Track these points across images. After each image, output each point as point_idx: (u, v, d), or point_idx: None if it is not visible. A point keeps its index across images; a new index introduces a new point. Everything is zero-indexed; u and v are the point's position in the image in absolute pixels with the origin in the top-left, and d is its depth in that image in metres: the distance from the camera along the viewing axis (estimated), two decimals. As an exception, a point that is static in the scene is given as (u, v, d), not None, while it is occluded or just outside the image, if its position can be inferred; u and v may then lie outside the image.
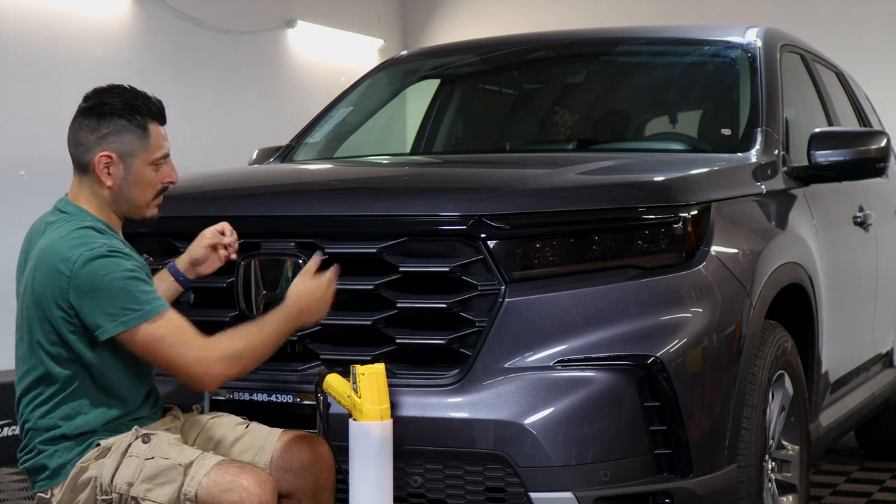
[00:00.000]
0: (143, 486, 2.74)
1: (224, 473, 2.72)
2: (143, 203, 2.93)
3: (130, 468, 2.76)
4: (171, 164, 2.98)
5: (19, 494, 5.32)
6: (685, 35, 4.79)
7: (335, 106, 4.92)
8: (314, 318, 2.98)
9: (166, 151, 2.95)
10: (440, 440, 3.01)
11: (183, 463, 2.74)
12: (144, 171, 2.90)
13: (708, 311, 3.14)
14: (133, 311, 2.73)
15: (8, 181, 6.89)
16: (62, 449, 2.83)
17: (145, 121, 2.90)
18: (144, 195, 2.92)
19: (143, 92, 2.96)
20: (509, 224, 3.08)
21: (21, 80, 7.02)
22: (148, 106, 2.92)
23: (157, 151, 2.92)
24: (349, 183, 3.85)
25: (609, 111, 4.80)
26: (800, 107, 4.64)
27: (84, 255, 2.75)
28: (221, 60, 8.60)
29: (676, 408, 3.01)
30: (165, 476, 2.74)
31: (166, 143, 2.95)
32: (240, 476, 2.71)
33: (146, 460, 2.77)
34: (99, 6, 7.59)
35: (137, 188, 2.91)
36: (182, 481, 2.72)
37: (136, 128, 2.88)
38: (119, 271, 2.74)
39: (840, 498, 5.07)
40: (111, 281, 2.73)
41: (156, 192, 2.95)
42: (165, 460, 2.75)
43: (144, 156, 2.90)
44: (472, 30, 10.13)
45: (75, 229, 2.83)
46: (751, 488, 3.25)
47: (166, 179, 2.96)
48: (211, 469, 2.73)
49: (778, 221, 3.76)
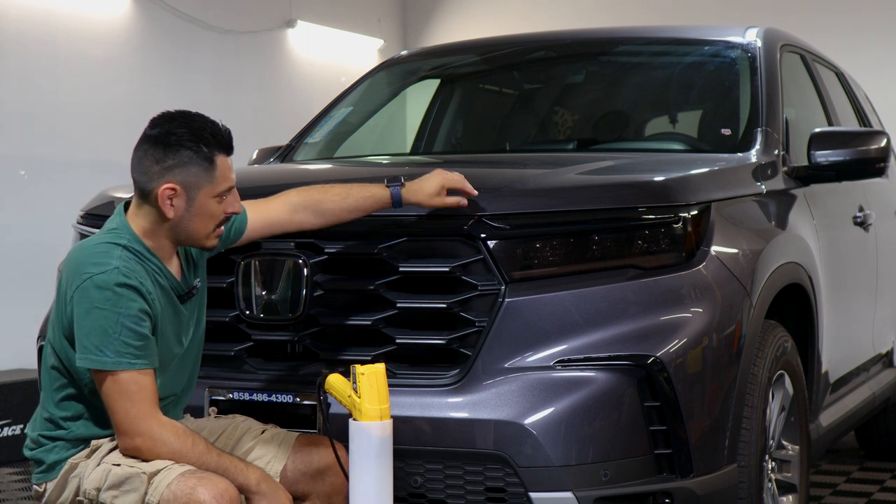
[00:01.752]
0: (109, 492, 2.74)
1: (183, 485, 2.67)
2: (202, 235, 2.86)
3: (99, 473, 2.76)
4: (235, 194, 2.89)
5: (19, 494, 5.32)
6: (685, 35, 4.79)
7: (335, 106, 4.92)
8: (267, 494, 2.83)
9: (232, 184, 2.86)
10: (440, 440, 3.01)
11: (147, 471, 2.71)
12: (208, 204, 2.83)
13: (708, 311, 3.14)
14: (105, 356, 2.69)
15: (8, 181, 6.89)
16: (59, 446, 2.85)
17: (212, 153, 2.81)
18: (206, 227, 2.85)
19: (212, 121, 2.87)
20: (509, 224, 3.08)
21: (21, 80, 7.02)
22: (216, 137, 2.83)
23: (223, 184, 2.84)
24: (349, 183, 3.85)
25: (609, 111, 4.80)
26: (800, 107, 4.64)
27: (93, 279, 2.71)
28: (221, 60, 8.60)
29: (676, 408, 3.01)
30: (130, 484, 2.72)
31: (232, 174, 2.87)
32: (197, 487, 2.65)
33: (113, 466, 2.75)
34: (99, 6, 7.59)
35: (199, 220, 2.83)
36: (146, 490, 2.70)
37: (203, 160, 2.80)
38: (113, 309, 2.69)
39: (840, 498, 5.07)
40: (100, 318, 2.70)
41: (217, 223, 2.87)
42: (130, 468, 2.73)
43: (209, 189, 2.82)
44: (472, 30, 10.13)
45: (106, 242, 2.79)
46: (751, 488, 3.25)
47: (230, 210, 2.88)
48: (174, 479, 2.68)
49: (778, 221, 3.76)
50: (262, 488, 2.77)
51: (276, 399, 3.16)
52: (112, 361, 2.69)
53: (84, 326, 2.71)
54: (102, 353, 2.69)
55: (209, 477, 2.69)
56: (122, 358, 2.69)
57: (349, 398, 2.83)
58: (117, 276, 2.71)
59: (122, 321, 2.69)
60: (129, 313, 2.71)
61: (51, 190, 6.93)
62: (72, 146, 7.13)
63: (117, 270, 2.72)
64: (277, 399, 3.15)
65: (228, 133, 2.88)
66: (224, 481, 2.71)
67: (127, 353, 2.70)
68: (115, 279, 2.71)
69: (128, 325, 2.70)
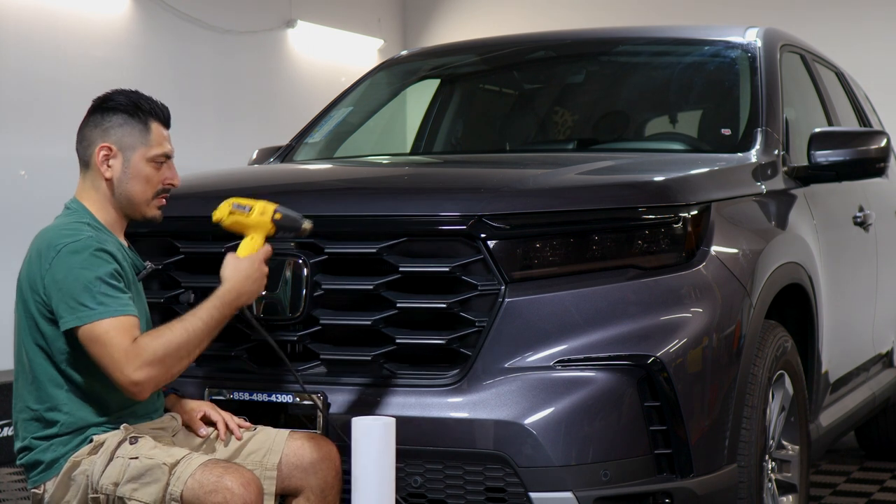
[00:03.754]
0: (128, 486, 2.75)
1: (209, 474, 2.71)
2: (142, 200, 2.95)
3: (116, 468, 2.77)
4: (172, 167, 3.00)
5: (19, 494, 5.32)
6: (685, 35, 4.79)
7: (335, 106, 4.92)
8: (251, 299, 2.96)
9: (166, 151, 2.97)
10: (440, 440, 3.01)
11: (168, 463, 2.74)
12: (143, 167, 2.93)
13: (708, 311, 3.14)
14: (89, 308, 2.74)
15: (8, 181, 6.89)
16: (56, 443, 2.84)
17: (147, 118, 2.95)
18: (144, 192, 2.94)
19: (139, 93, 3.01)
20: (509, 224, 3.08)
21: (21, 81, 7.02)
22: (152, 106, 2.97)
23: (157, 148, 2.95)
24: (349, 183, 3.86)
25: (609, 111, 4.80)
26: (800, 107, 4.64)
27: (68, 247, 2.79)
28: (221, 60, 8.60)
29: (676, 408, 3.01)
30: (150, 476, 2.74)
31: (168, 144, 2.98)
32: (224, 476, 2.70)
33: (131, 460, 2.76)
34: (99, 6, 7.59)
35: (136, 183, 2.93)
36: (167, 481, 2.72)
37: (138, 122, 2.93)
38: (91, 269, 2.76)
39: (840, 498, 5.07)
40: (80, 276, 2.76)
41: (156, 192, 2.97)
42: (150, 460, 2.75)
43: (143, 150, 2.93)
44: (472, 30, 10.13)
45: (71, 222, 2.88)
46: (751, 488, 3.25)
47: (167, 181, 2.98)
48: (196, 469, 2.72)
49: (778, 221, 3.76)
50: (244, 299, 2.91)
51: (276, 399, 3.16)
52: (98, 312, 2.73)
53: (66, 290, 2.76)
54: (88, 308, 2.74)
55: (234, 466, 2.75)
56: (108, 307, 2.75)
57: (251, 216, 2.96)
58: (92, 242, 2.80)
59: (102, 277, 2.77)
60: (106, 271, 2.78)
61: (50, 190, 6.93)
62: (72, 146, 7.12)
63: (90, 237, 2.82)
64: (277, 399, 3.15)
65: (166, 108, 3.02)
66: (249, 471, 2.76)
67: (110, 304, 2.75)
68: (89, 244, 2.80)
69: (107, 280, 2.77)
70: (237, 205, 2.98)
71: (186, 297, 3.34)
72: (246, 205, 2.98)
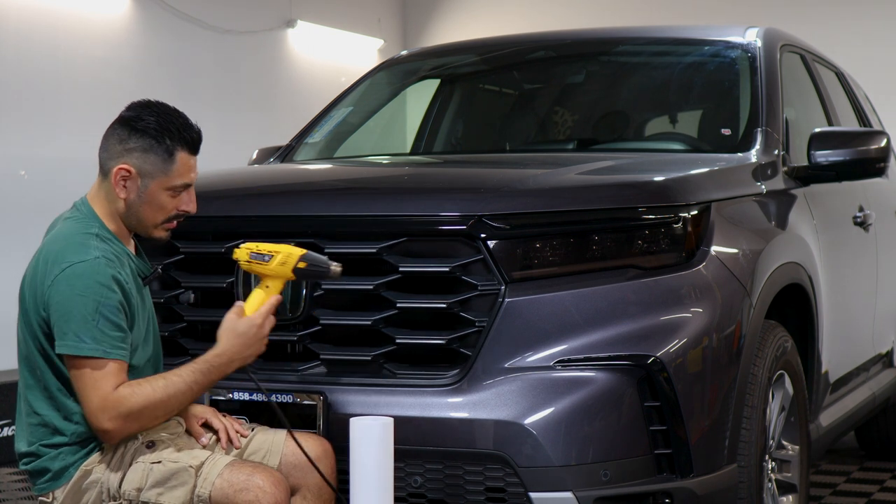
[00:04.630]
0: (153, 490, 2.75)
1: (238, 473, 2.72)
2: (150, 224, 2.90)
3: (137, 474, 2.77)
4: (191, 193, 2.93)
5: (19, 494, 5.32)
6: (685, 35, 4.79)
7: (335, 106, 4.92)
8: (245, 363, 2.89)
9: (188, 182, 2.89)
10: (440, 440, 3.01)
11: (193, 465, 2.75)
12: (159, 195, 2.87)
13: (708, 311, 3.14)
14: (81, 341, 2.71)
15: (8, 181, 6.89)
16: (65, 452, 2.83)
17: (174, 146, 2.85)
18: (154, 218, 2.89)
19: (186, 118, 2.91)
20: (509, 224, 3.08)
21: (21, 80, 7.02)
22: (182, 133, 2.87)
23: (178, 179, 2.87)
24: (349, 183, 3.85)
25: (609, 111, 4.80)
26: (800, 107, 4.64)
27: (74, 267, 2.75)
28: (221, 60, 8.60)
29: (676, 408, 3.01)
30: (177, 479, 2.74)
31: (192, 173, 2.90)
32: (254, 475, 2.72)
33: (153, 464, 2.77)
34: (99, 6, 7.59)
35: (149, 209, 2.88)
36: (194, 483, 2.73)
37: (163, 151, 2.85)
38: (92, 298, 2.72)
39: (840, 498, 5.07)
40: (80, 304, 2.72)
41: (167, 218, 2.91)
42: (174, 463, 2.76)
43: (163, 180, 2.86)
44: (472, 30, 10.13)
45: (81, 233, 2.83)
46: (751, 488, 3.25)
47: (182, 207, 2.91)
48: (223, 469, 2.73)
49: (778, 221, 3.76)
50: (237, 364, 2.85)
51: (276, 399, 3.15)
52: (89, 348, 2.71)
53: (63, 313, 2.73)
54: (81, 340, 2.71)
55: (262, 466, 2.77)
56: (100, 345, 2.72)
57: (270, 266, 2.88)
58: (98, 266, 2.75)
59: (101, 310, 2.73)
60: (109, 304, 2.74)
61: (50, 190, 6.93)
62: (72, 146, 7.13)
63: (98, 260, 2.76)
64: (277, 399, 3.15)
65: (199, 133, 2.92)
66: (277, 472, 2.78)
67: (104, 342, 2.72)
68: (96, 268, 2.75)
69: (106, 315, 2.73)
70: (255, 254, 2.89)
71: (186, 297, 3.34)
72: (266, 253, 2.89)
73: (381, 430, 2.77)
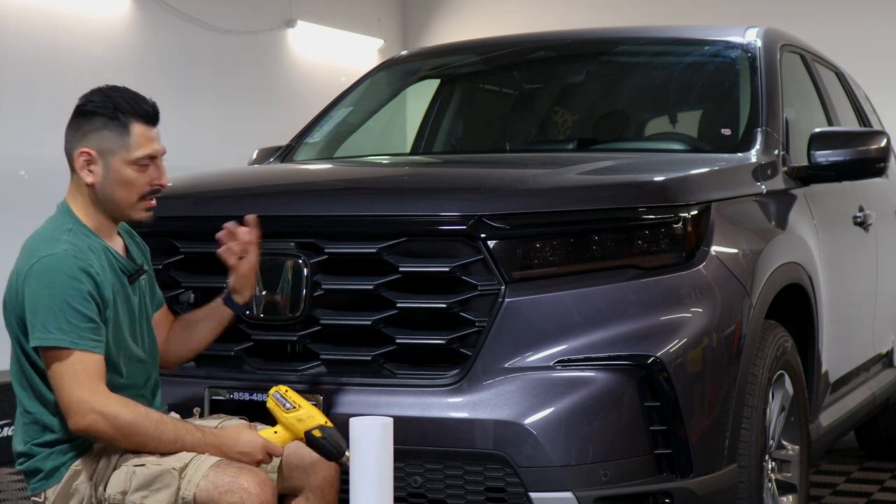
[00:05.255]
0: (138, 493, 2.73)
1: (223, 474, 2.70)
2: (126, 204, 2.86)
3: (121, 477, 2.75)
4: (159, 166, 2.89)
5: (19, 495, 5.32)
6: (685, 35, 4.79)
7: (335, 106, 4.92)
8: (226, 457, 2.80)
9: (150, 152, 2.85)
10: (440, 440, 3.01)
11: (177, 467, 2.72)
12: (124, 171, 2.83)
13: (708, 311, 3.14)
14: (48, 331, 2.71)
15: (8, 181, 6.89)
16: (56, 451, 2.82)
17: (127, 119, 2.83)
18: (128, 196, 2.85)
19: (134, 93, 2.89)
20: (509, 224, 3.08)
21: (21, 80, 7.02)
22: (133, 105, 2.85)
23: (138, 151, 2.83)
24: (349, 183, 3.86)
25: (609, 111, 4.80)
26: (800, 107, 4.64)
27: (42, 261, 2.75)
28: (221, 60, 8.60)
29: (676, 408, 3.01)
30: (160, 482, 2.72)
31: (153, 144, 2.86)
32: (239, 476, 2.69)
33: (136, 467, 2.75)
34: (99, 6, 7.59)
35: (119, 188, 2.84)
36: (178, 485, 2.71)
37: (117, 126, 2.83)
38: (59, 290, 2.71)
39: (840, 498, 5.07)
40: (47, 296, 2.72)
41: (141, 195, 2.87)
42: (157, 466, 2.73)
43: (124, 154, 2.83)
44: (472, 30, 10.13)
45: (53, 228, 2.84)
46: (751, 488, 3.25)
47: (154, 182, 2.87)
48: (208, 470, 2.71)
49: (778, 221, 3.76)
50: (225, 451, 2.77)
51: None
52: (55, 338, 2.70)
53: (32, 307, 2.73)
54: (47, 331, 2.71)
55: (247, 467, 2.74)
56: (66, 335, 2.70)
57: (286, 415, 2.83)
58: (65, 257, 2.74)
59: (68, 300, 2.71)
60: (75, 294, 2.72)
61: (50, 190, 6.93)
62: (72, 146, 7.12)
63: (65, 252, 2.75)
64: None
65: (152, 105, 2.89)
66: (263, 472, 2.75)
67: (71, 332, 2.71)
68: (62, 260, 2.74)
69: (73, 305, 2.72)
70: (280, 396, 2.84)
71: (186, 297, 3.34)
72: (290, 402, 2.84)
73: (380, 430, 2.76)
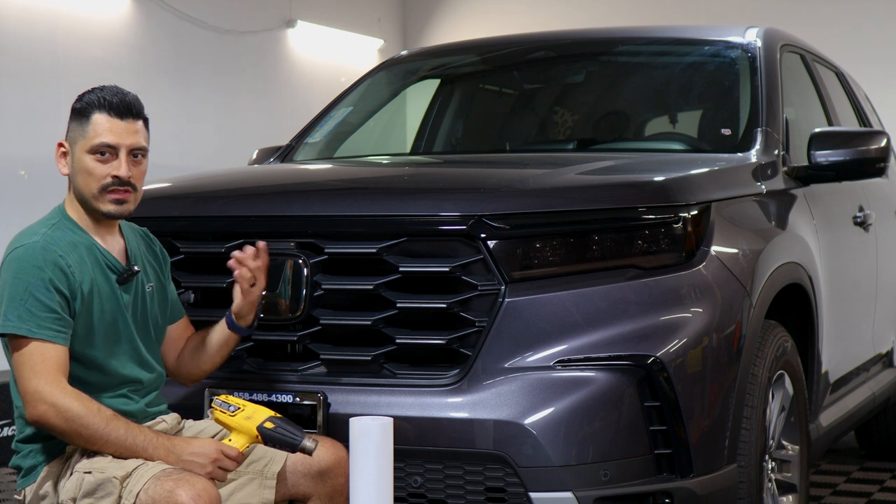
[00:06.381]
0: (85, 500, 2.72)
1: (160, 488, 2.64)
2: (89, 195, 2.86)
3: (73, 482, 2.75)
4: (121, 160, 2.85)
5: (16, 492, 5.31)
6: (685, 35, 4.79)
7: (335, 106, 4.92)
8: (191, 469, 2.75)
9: (105, 140, 2.83)
10: (440, 440, 3.01)
11: (118, 476, 2.69)
12: (84, 160, 2.84)
13: (708, 311, 3.14)
14: (7, 319, 2.72)
15: (8, 181, 6.89)
16: (35, 450, 2.83)
17: (89, 108, 2.85)
18: (88, 185, 2.85)
19: (116, 88, 2.90)
20: (509, 224, 3.08)
21: (21, 80, 7.02)
22: (99, 96, 2.86)
23: (95, 139, 2.83)
24: (349, 183, 3.85)
25: (609, 111, 4.80)
26: (800, 107, 4.64)
27: (16, 251, 2.77)
28: (221, 60, 8.60)
29: (676, 408, 3.01)
30: (103, 490, 2.70)
31: (109, 134, 2.83)
32: (176, 490, 2.62)
33: (85, 474, 2.73)
34: (99, 6, 7.59)
35: (81, 177, 2.86)
36: (119, 494, 2.68)
37: (79, 115, 2.87)
38: (24, 279, 2.72)
39: (840, 498, 5.07)
40: (13, 284, 2.73)
41: (102, 185, 2.85)
42: (101, 474, 2.71)
43: (83, 143, 2.85)
44: (472, 30, 10.13)
45: (38, 223, 2.86)
46: (751, 488, 3.25)
47: (115, 172, 2.84)
48: (148, 481, 2.65)
49: (778, 221, 3.76)
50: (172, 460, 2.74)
51: (276, 399, 3.15)
52: (14, 326, 2.71)
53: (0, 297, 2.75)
54: (7, 318, 2.72)
55: (185, 477, 2.66)
56: (25, 324, 2.71)
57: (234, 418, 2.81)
58: (35, 248, 2.76)
59: (31, 289, 2.72)
60: (38, 283, 2.73)
61: (51, 190, 6.93)
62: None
63: (36, 243, 2.77)
64: (277, 399, 3.15)
65: (120, 97, 2.87)
66: (202, 480, 2.68)
67: (30, 321, 2.71)
68: (31, 251, 2.76)
69: (35, 294, 2.72)
70: (222, 402, 2.83)
71: (186, 297, 3.34)
72: (233, 405, 2.82)
73: (380, 430, 2.77)
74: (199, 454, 2.76)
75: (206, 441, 2.80)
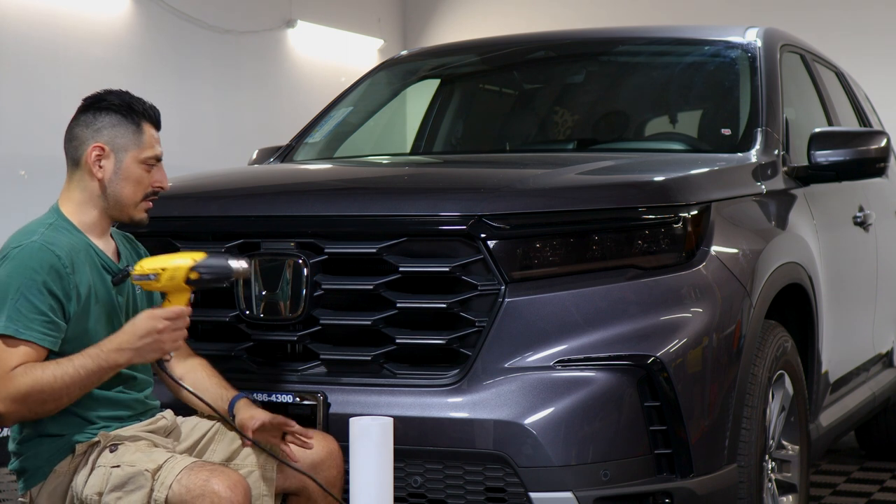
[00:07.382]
0: (112, 495, 2.72)
1: (195, 477, 2.66)
2: (130, 202, 2.90)
3: (98, 478, 2.75)
4: (162, 170, 2.97)
5: (18, 495, 5.31)
6: (685, 35, 4.79)
7: (335, 106, 4.92)
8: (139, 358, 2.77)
9: (158, 154, 2.94)
10: (440, 440, 3.01)
11: (150, 469, 2.70)
12: (134, 169, 2.89)
13: (708, 311, 3.14)
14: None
15: (8, 181, 6.89)
16: (41, 451, 2.83)
17: (140, 119, 2.91)
18: (134, 194, 2.90)
19: (141, 97, 2.98)
20: (509, 224, 3.08)
21: (21, 80, 7.02)
22: (144, 108, 2.94)
23: (149, 150, 2.91)
24: (349, 183, 3.86)
25: (609, 111, 4.80)
26: (800, 107, 4.64)
27: (13, 251, 2.77)
28: (221, 60, 8.60)
29: (676, 408, 3.01)
30: (133, 483, 2.70)
31: (159, 146, 2.95)
32: (210, 480, 2.65)
33: (112, 468, 2.74)
34: (99, 6, 7.59)
35: (127, 185, 2.89)
36: (151, 487, 2.69)
37: (131, 123, 2.90)
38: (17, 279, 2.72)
39: (840, 498, 5.07)
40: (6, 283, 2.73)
41: (145, 194, 2.93)
42: (131, 467, 2.72)
43: (136, 152, 2.89)
44: (472, 30, 10.13)
45: (35, 223, 2.86)
46: (751, 488, 3.25)
47: (157, 183, 2.94)
48: (181, 473, 2.68)
49: (778, 221, 3.76)
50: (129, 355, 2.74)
51: (276, 399, 3.16)
52: (2, 325, 2.70)
53: None
54: None
55: (220, 468, 2.71)
56: (12, 324, 2.71)
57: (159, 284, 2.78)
58: (32, 249, 2.76)
59: (23, 290, 2.72)
60: (31, 285, 2.73)
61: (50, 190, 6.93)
62: (72, 146, 7.13)
63: (34, 244, 2.77)
64: (277, 399, 3.15)
65: (157, 111, 2.98)
66: (236, 473, 2.72)
67: (18, 321, 2.71)
68: (28, 252, 2.76)
69: (26, 295, 2.72)
70: (140, 276, 2.79)
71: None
72: (150, 272, 2.78)
73: (380, 430, 2.77)
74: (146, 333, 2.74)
75: (142, 317, 2.77)
